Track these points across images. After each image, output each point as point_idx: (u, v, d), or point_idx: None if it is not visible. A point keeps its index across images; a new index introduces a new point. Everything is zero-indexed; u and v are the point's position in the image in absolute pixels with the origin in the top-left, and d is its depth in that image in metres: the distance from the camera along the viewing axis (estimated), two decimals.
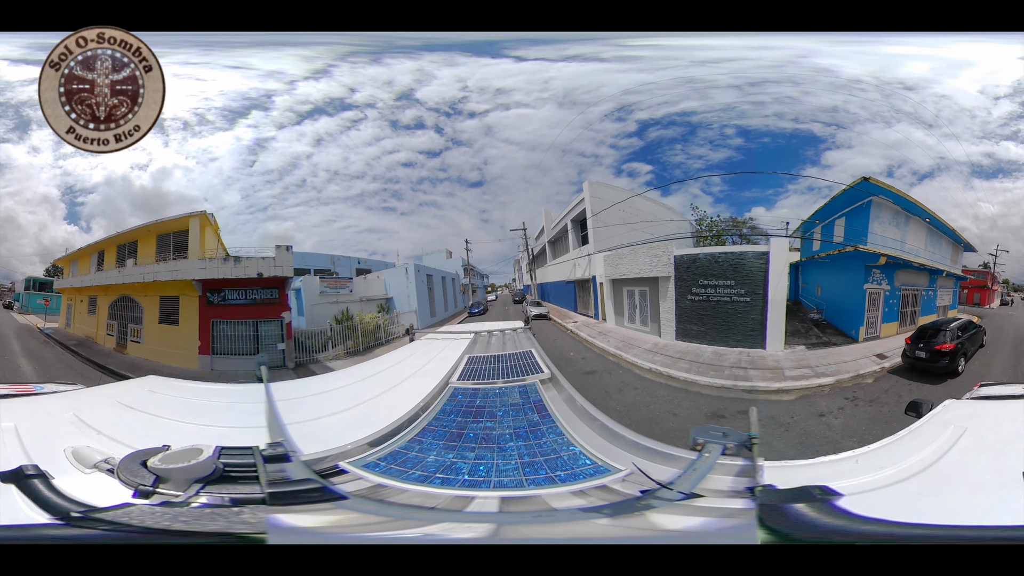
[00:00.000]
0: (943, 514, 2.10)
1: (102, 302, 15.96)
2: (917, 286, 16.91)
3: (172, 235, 13.42)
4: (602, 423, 3.64)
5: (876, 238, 14.95)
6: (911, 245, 16.18)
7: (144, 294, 14.10)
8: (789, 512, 2.18)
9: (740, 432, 2.96)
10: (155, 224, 13.84)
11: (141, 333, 14.21)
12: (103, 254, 15.99)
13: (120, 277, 14.80)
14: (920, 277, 17.29)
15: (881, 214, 15.14)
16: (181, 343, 12.75)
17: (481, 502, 2.68)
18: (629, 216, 12.02)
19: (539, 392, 4.61)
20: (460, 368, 5.75)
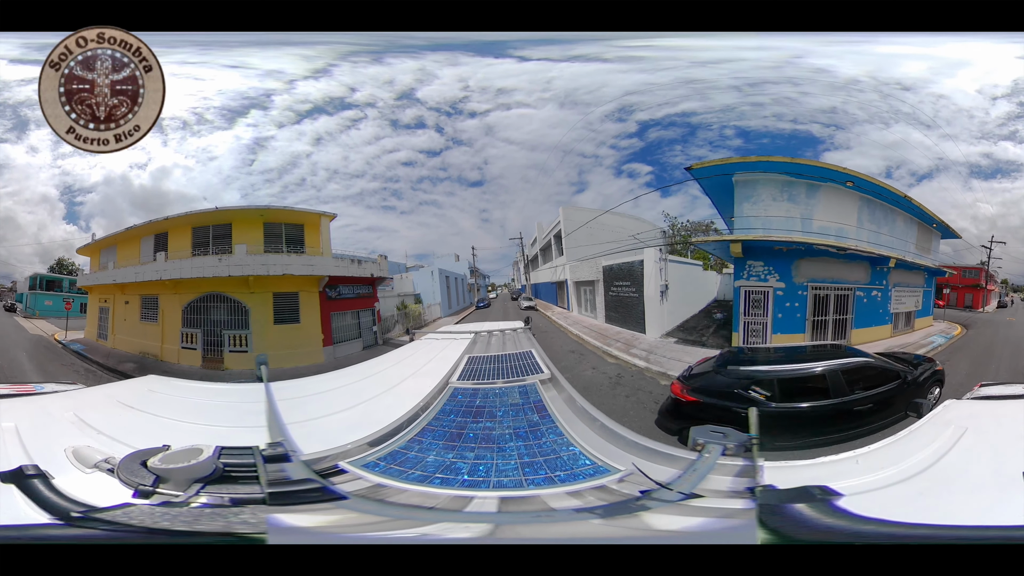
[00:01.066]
0: (943, 514, 2.10)
1: (169, 303, 11.92)
2: (844, 283, 12.54)
3: (284, 227, 12.75)
4: (602, 423, 3.64)
5: (753, 222, 12.80)
6: (826, 223, 12.33)
7: (248, 291, 11.87)
8: (789, 512, 2.18)
9: (740, 433, 2.96)
10: (268, 210, 12.47)
11: (248, 339, 11.73)
12: (164, 238, 12.24)
13: (221, 268, 11.67)
14: (850, 270, 12.57)
15: (759, 194, 12.89)
16: (303, 340, 12.36)
17: (480, 502, 2.67)
18: (595, 232, 14.79)
19: (539, 392, 4.61)
20: (460, 368, 5.75)
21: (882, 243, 13.36)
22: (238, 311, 11.83)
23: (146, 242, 12.71)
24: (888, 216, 13.53)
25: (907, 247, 14.82)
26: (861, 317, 13.07)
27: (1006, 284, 19.66)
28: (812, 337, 12.36)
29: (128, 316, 12.86)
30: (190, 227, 12.22)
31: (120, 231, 13.01)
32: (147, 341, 12.12)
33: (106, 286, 13.68)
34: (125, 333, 12.87)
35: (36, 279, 15.44)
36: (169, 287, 11.97)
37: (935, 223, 15.30)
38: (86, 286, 14.54)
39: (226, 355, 11.67)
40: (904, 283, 15.42)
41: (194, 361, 11.48)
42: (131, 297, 12.79)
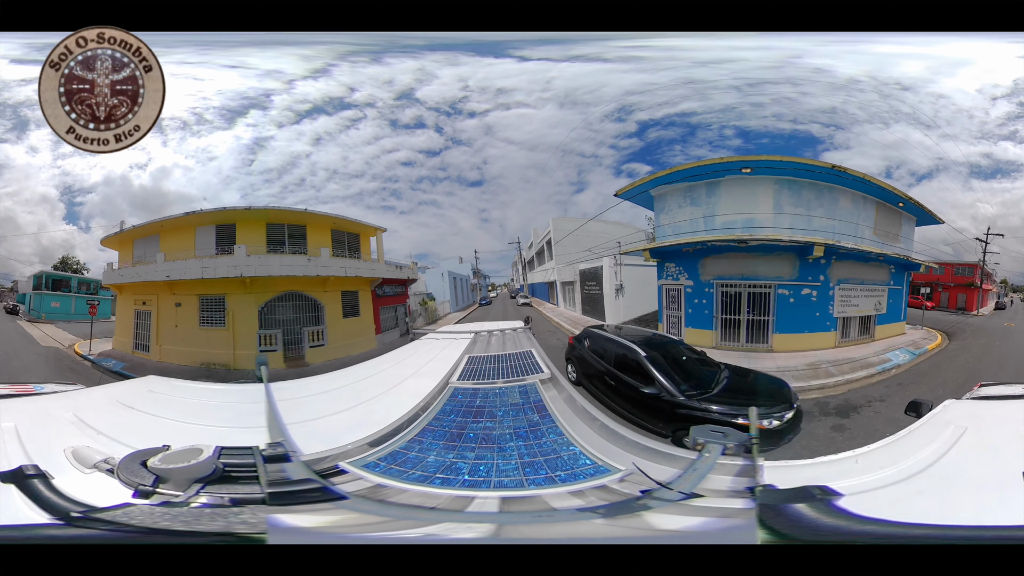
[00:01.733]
0: (943, 514, 2.10)
1: (240, 304, 10.86)
2: (757, 279, 11.45)
3: (347, 235, 13.75)
4: (602, 423, 3.64)
5: (666, 230, 13.17)
6: (731, 216, 11.59)
7: (323, 289, 12.45)
8: (789, 512, 2.18)
9: (740, 432, 2.96)
10: (337, 219, 13.20)
11: (324, 334, 12.27)
12: (231, 230, 11.20)
13: (310, 268, 11.91)
14: (764, 264, 11.39)
15: (668, 204, 13.25)
16: (362, 331, 13.74)
17: (481, 502, 2.68)
18: (582, 238, 16.63)
19: (539, 392, 4.61)
20: (460, 368, 5.75)
21: (815, 228, 11.30)
22: (314, 308, 12.20)
23: (204, 232, 11.44)
24: (823, 196, 11.36)
25: (860, 232, 11.98)
26: (788, 320, 11.53)
27: (1005, 284, 17.61)
28: (722, 336, 12.09)
29: (181, 321, 11.18)
30: (264, 223, 11.83)
31: (165, 218, 11.64)
32: (212, 349, 10.83)
33: (145, 284, 11.44)
34: (178, 342, 11.20)
35: (41, 278, 13.55)
36: (239, 286, 10.99)
37: (901, 202, 12.29)
38: (114, 284, 12.23)
39: (307, 351, 11.65)
40: (856, 279, 12.38)
41: (276, 363, 11.06)
42: (185, 298, 11.15)
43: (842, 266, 11.89)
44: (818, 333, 11.85)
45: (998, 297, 17.41)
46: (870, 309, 12.77)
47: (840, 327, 12.18)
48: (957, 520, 2.00)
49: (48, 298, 13.32)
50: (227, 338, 11.04)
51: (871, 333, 13.09)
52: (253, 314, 11.20)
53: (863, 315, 12.62)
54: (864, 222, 12.15)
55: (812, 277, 11.67)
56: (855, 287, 12.25)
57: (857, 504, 2.17)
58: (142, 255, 12.27)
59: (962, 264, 15.63)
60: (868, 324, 12.96)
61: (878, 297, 13.10)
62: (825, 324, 11.93)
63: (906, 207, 12.90)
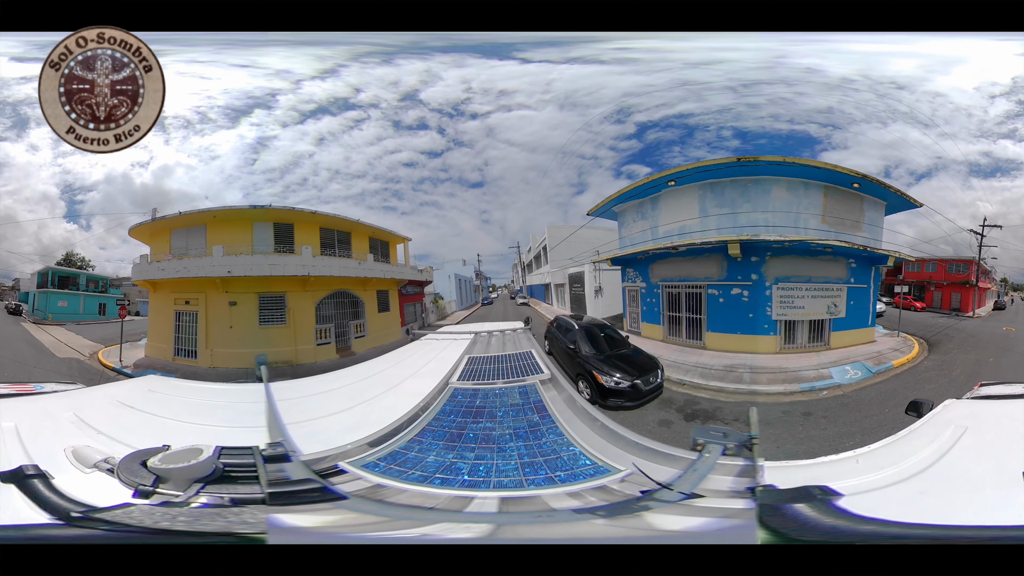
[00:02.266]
0: (943, 514, 2.10)
1: (299, 301, 11.20)
2: (692, 280, 11.93)
3: (379, 242, 15.38)
4: (602, 423, 3.64)
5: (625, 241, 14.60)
6: (669, 226, 12.45)
7: (364, 288, 14.00)
8: (789, 512, 2.18)
9: (740, 432, 2.96)
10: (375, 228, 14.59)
11: (364, 327, 13.77)
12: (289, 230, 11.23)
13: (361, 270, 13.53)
14: (697, 266, 11.76)
15: (626, 219, 14.77)
16: (391, 324, 15.55)
17: (481, 502, 2.67)
18: (574, 244, 18.07)
19: (539, 392, 4.61)
20: (460, 368, 5.74)
21: (743, 225, 11.12)
22: (355, 304, 13.78)
23: (261, 229, 11.30)
24: (749, 191, 11.13)
25: (804, 222, 11.27)
26: (720, 320, 11.73)
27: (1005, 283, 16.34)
28: (668, 331, 13.16)
29: (237, 321, 10.78)
30: (318, 226, 12.39)
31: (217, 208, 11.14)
32: (273, 348, 10.84)
33: (190, 281, 10.61)
34: (233, 344, 10.79)
35: (47, 275, 12.34)
36: (298, 284, 11.33)
37: (856, 183, 11.04)
38: (147, 281, 11.04)
39: (353, 342, 12.91)
40: (799, 276, 11.59)
41: (330, 355, 11.53)
42: (242, 296, 10.77)
43: (779, 263, 11.23)
44: (755, 336, 11.38)
45: (997, 296, 15.90)
46: (821, 312, 11.40)
47: (783, 331, 11.36)
48: (958, 520, 2.00)
49: (55, 297, 12.25)
50: (287, 335, 11.12)
51: (825, 340, 11.52)
52: (311, 311, 11.74)
53: (813, 318, 11.37)
54: (809, 210, 11.25)
55: (743, 276, 11.45)
56: (798, 286, 11.39)
57: (857, 504, 2.17)
58: (183, 248, 11.50)
59: (956, 260, 14.04)
60: (821, 330, 11.51)
61: (832, 298, 11.68)
62: (762, 327, 11.35)
63: (866, 188, 11.34)
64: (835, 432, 7.93)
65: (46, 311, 12.15)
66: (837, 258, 11.39)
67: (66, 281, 12.56)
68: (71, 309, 12.77)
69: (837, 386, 9.88)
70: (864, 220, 11.69)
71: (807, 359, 11.05)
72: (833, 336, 11.78)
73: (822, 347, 11.63)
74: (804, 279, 11.47)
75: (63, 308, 12.18)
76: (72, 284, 12.68)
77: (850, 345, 11.66)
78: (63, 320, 12.11)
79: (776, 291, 11.34)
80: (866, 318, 12.13)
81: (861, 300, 12.06)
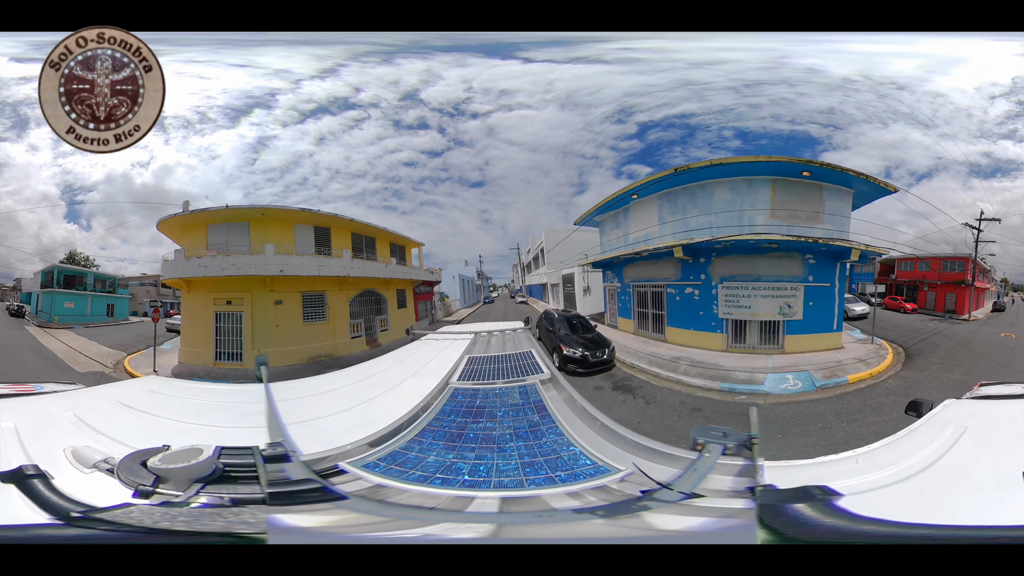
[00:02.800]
0: (943, 514, 2.10)
1: (336, 300, 11.98)
2: (655, 280, 12.89)
3: (398, 247, 17.28)
4: (602, 423, 3.64)
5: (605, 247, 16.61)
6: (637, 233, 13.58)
7: (387, 288, 16.01)
8: (789, 512, 2.18)
9: (740, 432, 2.96)
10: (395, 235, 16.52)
11: (388, 322, 15.89)
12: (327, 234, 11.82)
13: (388, 271, 15.56)
14: (658, 268, 12.50)
15: (605, 228, 16.65)
16: (407, 318, 17.49)
17: (481, 502, 2.67)
18: (570, 247, 19.79)
19: (539, 392, 4.61)
20: (460, 368, 5.74)
21: (693, 229, 11.41)
22: (379, 302, 15.57)
23: (302, 231, 11.66)
24: (697, 197, 11.42)
25: (750, 219, 10.90)
26: (677, 316, 12.53)
27: (1006, 283, 15.75)
28: (638, 325, 15.02)
29: (283, 320, 11.03)
30: (350, 232, 13.66)
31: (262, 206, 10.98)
32: (316, 343, 11.25)
33: (233, 279, 10.22)
34: (281, 342, 10.92)
35: (52, 274, 11.23)
36: (335, 284, 12.22)
37: (806, 171, 10.41)
38: (181, 279, 10.27)
39: (379, 335, 14.53)
40: (745, 275, 11.38)
41: (362, 347, 12.72)
42: (287, 295, 11.03)
43: (724, 262, 11.21)
44: (705, 332, 11.57)
45: (997, 297, 15.20)
46: (772, 312, 10.80)
47: (730, 330, 11.20)
48: (957, 520, 2.00)
49: (61, 297, 11.17)
50: (328, 331, 11.89)
51: (779, 343, 10.89)
52: (345, 308, 12.99)
53: (763, 319, 10.83)
54: (754, 207, 10.80)
55: (694, 277, 11.85)
56: (745, 285, 11.07)
57: (857, 504, 2.17)
58: (223, 244, 11.11)
59: (950, 257, 12.89)
60: (774, 332, 10.81)
61: (785, 298, 11.00)
62: (710, 324, 11.49)
63: (821, 176, 10.49)
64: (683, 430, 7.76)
65: (51, 313, 11.16)
66: (790, 254, 10.76)
67: (72, 281, 11.55)
68: (78, 311, 11.88)
69: (764, 394, 9.26)
70: (824, 211, 10.89)
71: (752, 360, 10.60)
72: (788, 340, 11.01)
73: (775, 350, 10.95)
74: (752, 278, 11.07)
75: (69, 310, 11.08)
76: (79, 284, 11.70)
77: (810, 351, 10.76)
78: (70, 323, 11.00)
79: (721, 290, 11.29)
80: (830, 321, 11.11)
81: (823, 301, 11.08)
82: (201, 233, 11.27)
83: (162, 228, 11.81)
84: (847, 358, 10.63)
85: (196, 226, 11.28)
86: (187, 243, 11.30)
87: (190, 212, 11.15)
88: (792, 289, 11.04)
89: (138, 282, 14.89)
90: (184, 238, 11.44)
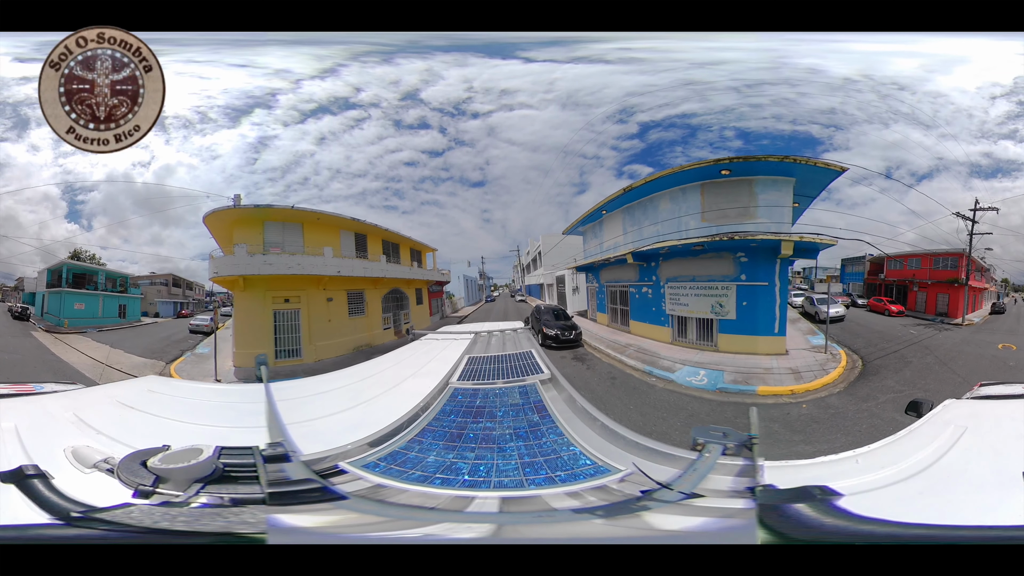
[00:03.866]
0: (943, 514, 2.10)
1: (372, 297, 14.53)
2: (621, 281, 15.72)
3: (415, 252, 19.56)
4: (602, 423, 3.64)
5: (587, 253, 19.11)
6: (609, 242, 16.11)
7: (408, 287, 18.53)
8: (789, 512, 2.18)
9: (740, 432, 2.96)
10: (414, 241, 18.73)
11: (409, 316, 18.22)
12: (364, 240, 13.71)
13: (412, 273, 18.49)
14: (624, 271, 14.92)
15: (587, 237, 19.10)
16: (424, 314, 20.21)
17: (481, 502, 2.67)
18: (564, 250, 21.52)
19: (539, 392, 4.61)
20: (460, 368, 5.74)
21: (647, 237, 13.15)
22: (402, 298, 17.90)
23: (346, 236, 13.38)
24: (647, 209, 13.17)
25: (683, 225, 11.88)
26: (638, 311, 14.95)
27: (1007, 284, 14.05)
28: (612, 319, 17.45)
29: (334, 315, 12.41)
30: (381, 238, 15.53)
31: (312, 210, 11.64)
32: (358, 335, 13.38)
33: (290, 278, 10.72)
34: (331, 335, 12.33)
35: (60, 272, 9.73)
36: (371, 283, 14.31)
37: (725, 169, 10.48)
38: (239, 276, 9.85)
39: (403, 327, 16.25)
40: (684, 276, 12.63)
41: (390, 337, 14.66)
42: (336, 293, 12.65)
43: (669, 265, 12.53)
44: (657, 326, 13.45)
45: (997, 298, 13.53)
46: (704, 311, 11.29)
47: (675, 325, 12.35)
48: (958, 520, 2.00)
49: (70, 298, 9.75)
50: (366, 323, 14.12)
51: (713, 341, 11.13)
52: (379, 304, 15.32)
53: (699, 317, 11.41)
54: (688, 212, 11.46)
55: (647, 278, 13.79)
56: (684, 285, 12.04)
57: (857, 504, 2.17)
58: (278, 242, 11.40)
59: (942, 254, 11.26)
60: (709, 330, 11.11)
61: (717, 297, 11.34)
62: (660, 319, 13.06)
63: (745, 171, 10.43)
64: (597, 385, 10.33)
65: (60, 315, 9.78)
66: (720, 254, 10.94)
67: (82, 280, 10.21)
68: (89, 312, 10.53)
69: (670, 380, 9.95)
70: (757, 204, 10.67)
71: (686, 354, 11.40)
72: (722, 338, 11.14)
73: (709, 347, 11.26)
74: (689, 278, 11.91)
75: (80, 311, 9.75)
76: (89, 283, 10.39)
77: (745, 352, 10.48)
78: (81, 326, 9.71)
79: (667, 289, 12.65)
80: (770, 323, 10.67)
81: (761, 301, 10.72)
82: (256, 230, 11.41)
83: (208, 221, 11.61)
84: (781, 367, 9.96)
85: (251, 222, 11.32)
86: (239, 239, 11.21)
87: (244, 207, 11.19)
88: (723, 288, 11.31)
89: (148, 281, 14.51)
90: (237, 233, 11.32)
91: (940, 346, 9.55)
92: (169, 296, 16.56)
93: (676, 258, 11.96)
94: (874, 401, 7.65)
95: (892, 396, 7.60)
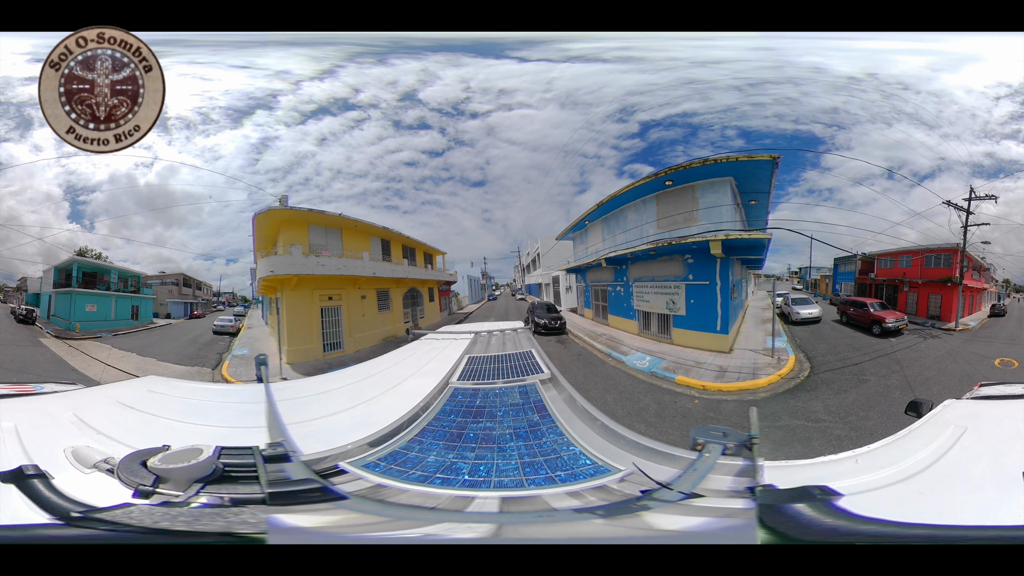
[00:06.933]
0: (943, 514, 2.10)
1: (395, 295, 16.69)
2: (603, 281, 17.80)
3: (428, 255, 21.20)
4: (602, 423, 3.64)
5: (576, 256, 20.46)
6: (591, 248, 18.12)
7: (423, 286, 20.37)
8: (789, 512, 2.17)
9: (740, 432, 2.96)
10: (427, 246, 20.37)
11: (423, 311, 20.05)
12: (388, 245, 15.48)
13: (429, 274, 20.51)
14: (604, 273, 17.14)
15: (576, 243, 20.66)
16: (435, 311, 21.91)
17: (481, 502, 2.67)
18: (561, 252, 22.95)
19: (539, 392, 4.60)
20: (460, 368, 5.74)
21: (619, 244, 15.29)
22: (417, 297, 19.79)
23: (374, 241, 15.06)
24: (620, 220, 15.43)
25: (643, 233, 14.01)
26: (613, 307, 16.93)
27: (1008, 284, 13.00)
28: (595, 314, 19.20)
29: (367, 311, 14.52)
30: (401, 244, 17.56)
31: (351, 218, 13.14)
32: (386, 328, 15.29)
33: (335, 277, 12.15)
34: (365, 328, 14.50)
35: (69, 271, 8.59)
36: (394, 283, 16.48)
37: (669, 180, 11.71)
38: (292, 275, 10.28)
39: (419, 322, 18.41)
40: (647, 277, 15.04)
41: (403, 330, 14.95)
42: (368, 291, 14.63)
43: (636, 267, 14.66)
44: (627, 319, 15.39)
45: (998, 299, 12.39)
46: (661, 307, 13.38)
47: (640, 319, 14.43)
48: (957, 520, 2.00)
49: (81, 298, 8.63)
50: (391, 318, 15.99)
51: (669, 334, 13.02)
52: (400, 301, 17.31)
53: (658, 312, 13.55)
54: (647, 221, 13.75)
55: (620, 279, 15.75)
56: (646, 284, 14.16)
57: (857, 504, 2.17)
58: (322, 245, 12.44)
59: (934, 250, 9.90)
60: (666, 324, 13.26)
61: (670, 295, 13.07)
62: (631, 313, 15.03)
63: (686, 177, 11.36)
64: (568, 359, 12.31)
65: (70, 318, 8.64)
66: (672, 257, 12.91)
67: (93, 279, 9.21)
68: (102, 314, 9.47)
69: (620, 361, 11.85)
70: (699, 207, 11.74)
71: (646, 344, 13.46)
72: (675, 332, 12.89)
73: (665, 339, 13.13)
74: (650, 279, 13.99)
75: (92, 314, 8.72)
76: (101, 283, 9.45)
77: (692, 347, 11.53)
78: (96, 330, 8.70)
79: (635, 288, 14.77)
80: (712, 321, 11.12)
81: (704, 300, 11.35)
82: (301, 232, 12.20)
83: (259, 221, 12.13)
84: (714, 363, 10.38)
85: (297, 224, 12.10)
86: (285, 240, 11.73)
87: (293, 208, 11.95)
88: (675, 288, 13.03)
89: (158, 281, 14.22)
90: (283, 235, 11.78)
91: (918, 360, 7.80)
92: (180, 296, 16.41)
93: (640, 261, 14.09)
94: (771, 422, 6.28)
95: (802, 424, 6.10)
